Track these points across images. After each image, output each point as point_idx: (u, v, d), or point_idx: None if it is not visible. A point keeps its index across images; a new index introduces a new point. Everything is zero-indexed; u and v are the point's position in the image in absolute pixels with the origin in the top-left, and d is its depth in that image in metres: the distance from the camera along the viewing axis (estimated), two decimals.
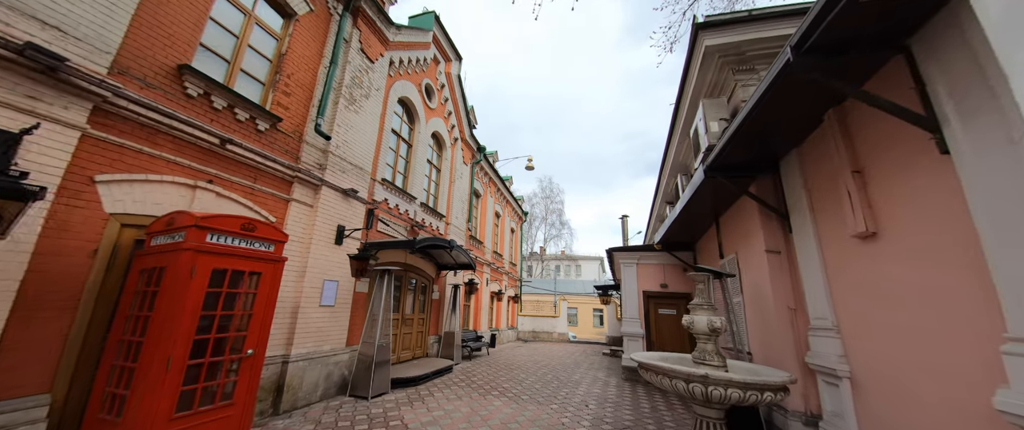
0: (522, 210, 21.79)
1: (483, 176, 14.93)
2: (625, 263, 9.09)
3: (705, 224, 7.06)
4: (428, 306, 9.64)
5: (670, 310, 8.59)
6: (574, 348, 16.50)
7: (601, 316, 29.52)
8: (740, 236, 5.34)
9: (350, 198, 6.55)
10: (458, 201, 11.65)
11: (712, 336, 3.54)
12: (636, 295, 8.79)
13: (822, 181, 3.64)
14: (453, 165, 11.68)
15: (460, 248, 8.48)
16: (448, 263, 9.87)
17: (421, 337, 9.25)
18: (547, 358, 11.99)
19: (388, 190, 8.01)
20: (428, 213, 9.76)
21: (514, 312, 19.45)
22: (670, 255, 8.58)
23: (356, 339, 6.46)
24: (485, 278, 14.29)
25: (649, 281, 8.83)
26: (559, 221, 42.60)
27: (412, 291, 9.04)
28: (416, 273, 9.08)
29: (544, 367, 9.87)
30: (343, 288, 6.28)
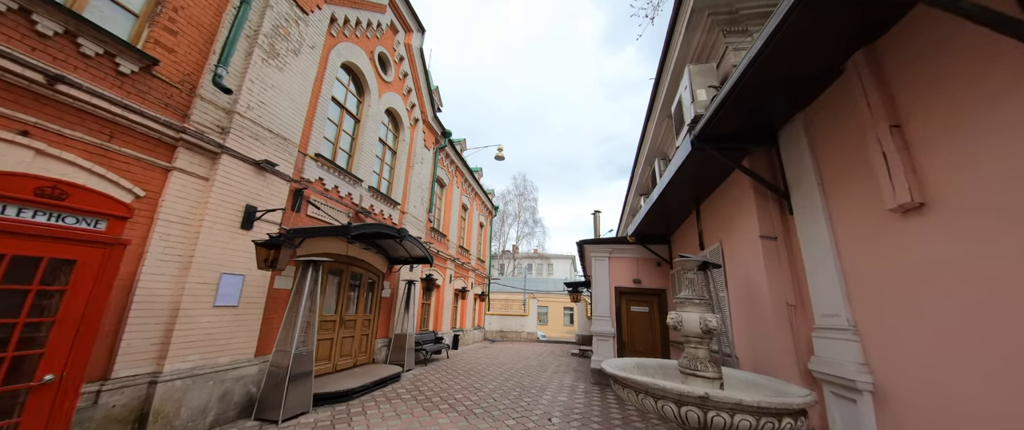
0: (492, 204, 20.81)
1: (449, 164, 13.81)
2: (597, 257, 8.36)
3: (683, 214, 6.42)
4: (376, 305, 8.44)
5: (643, 308, 7.96)
6: (542, 348, 15.77)
7: (571, 314, 29.16)
8: (725, 222, 4.67)
9: (266, 173, 5.30)
10: (417, 189, 10.49)
11: (706, 339, 2.75)
12: (608, 292, 8.09)
13: (839, 147, 2.94)
14: (412, 148, 10.50)
15: (413, 239, 7.38)
16: (401, 256, 8.72)
17: (366, 341, 8.05)
18: (512, 360, 11.11)
19: (325, 168, 6.76)
20: (379, 199, 8.56)
21: (481, 311, 18.45)
22: (644, 248, 7.94)
23: (272, 347, 5.22)
24: (448, 274, 13.19)
25: (622, 277, 8.15)
26: (532, 219, 42.04)
27: (357, 288, 7.82)
28: (361, 267, 7.87)
29: (507, 371, 8.98)
30: (253, 284, 5.03)
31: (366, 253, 7.90)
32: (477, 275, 17.40)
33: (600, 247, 8.34)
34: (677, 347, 6.91)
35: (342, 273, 7.31)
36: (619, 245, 8.25)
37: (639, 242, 7.80)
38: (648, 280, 8.03)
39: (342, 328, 7.20)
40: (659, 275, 7.99)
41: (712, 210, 5.18)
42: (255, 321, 5.07)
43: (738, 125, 3.65)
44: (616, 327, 7.88)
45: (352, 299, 7.67)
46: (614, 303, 8.03)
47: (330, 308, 6.99)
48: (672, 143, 7.03)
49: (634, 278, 8.10)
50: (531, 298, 19.71)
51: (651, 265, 8.10)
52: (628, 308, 8.03)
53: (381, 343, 8.52)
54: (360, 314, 7.83)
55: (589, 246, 8.40)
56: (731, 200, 4.50)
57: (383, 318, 8.70)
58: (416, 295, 9.86)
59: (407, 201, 9.97)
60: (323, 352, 6.70)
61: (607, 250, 8.32)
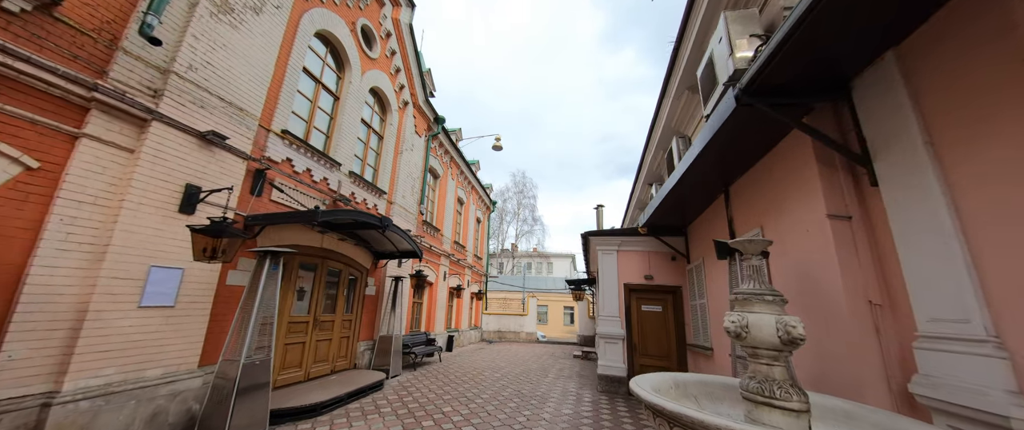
0: (490, 199, 19.96)
1: (442, 154, 12.94)
2: (604, 251, 7.53)
3: (705, 199, 5.57)
4: (358, 304, 7.60)
5: (655, 306, 7.13)
6: (543, 349, 14.95)
7: (572, 314, 28.37)
8: (769, 204, 3.83)
9: (214, 147, 4.44)
10: (406, 177, 9.63)
11: (785, 353, 1.91)
12: (616, 289, 7.26)
13: (966, 86, 2.10)
14: (401, 133, 9.63)
15: (399, 230, 6.53)
16: (388, 250, 7.87)
17: (346, 344, 7.21)
18: (511, 363, 10.29)
19: (295, 148, 5.91)
20: (362, 186, 7.70)
21: (478, 310, 17.62)
22: (658, 241, 7.11)
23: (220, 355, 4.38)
24: (442, 271, 12.35)
25: (632, 272, 7.32)
26: (532, 217, 41.23)
27: (335, 285, 6.98)
28: (340, 262, 7.02)
29: (505, 376, 8.15)
30: (196, 280, 4.19)
31: (346, 246, 7.05)
32: (474, 273, 16.57)
33: (608, 239, 7.50)
34: (698, 353, 6.09)
35: (317, 268, 6.46)
36: (629, 237, 7.41)
37: (651, 234, 6.97)
38: (661, 276, 7.20)
39: (317, 330, 6.36)
40: (674, 270, 7.16)
41: (748, 191, 4.33)
42: (199, 324, 4.22)
43: (794, 75, 2.81)
44: (626, 328, 7.05)
45: (330, 297, 6.83)
46: (623, 302, 7.20)
47: (302, 308, 6.15)
48: (694, 119, 6.19)
49: (646, 274, 7.27)
50: (530, 297, 18.89)
51: (664, 259, 7.27)
52: (639, 307, 7.20)
53: (364, 346, 7.68)
54: (339, 314, 6.98)
55: (596, 238, 7.57)
56: (778, 176, 3.66)
57: (367, 318, 7.86)
58: (404, 293, 9.02)
59: (395, 190, 9.11)
60: (293, 358, 5.85)
61: (616, 243, 7.48)
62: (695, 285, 6.40)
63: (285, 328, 5.67)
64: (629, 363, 6.90)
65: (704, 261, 5.99)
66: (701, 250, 6.23)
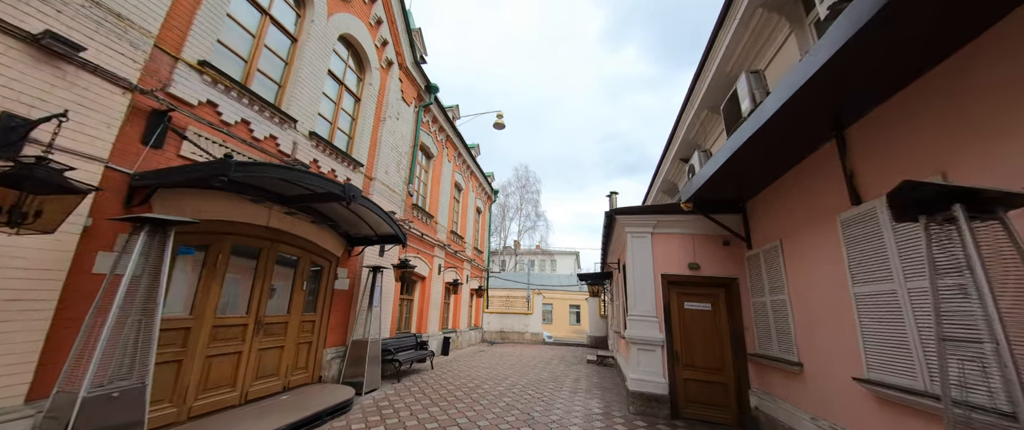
0: (491, 188, 18.39)
1: (437, 131, 11.36)
2: (635, 233, 5.93)
3: (786, 157, 3.97)
4: (325, 301, 6.06)
5: (702, 304, 5.53)
6: (550, 352, 13.40)
7: (578, 313, 26.82)
8: (965, 134, 2.22)
9: (60, 61, 2.89)
10: (391, 151, 8.06)
11: None
12: (651, 281, 5.66)
13: None
14: (384, 98, 8.06)
15: (370, 204, 4.99)
16: (364, 234, 6.33)
17: (307, 352, 5.67)
18: (516, 370, 8.74)
19: (223, 90, 4.35)
20: (330, 154, 6.15)
21: (478, 308, 16.10)
22: (707, 220, 5.50)
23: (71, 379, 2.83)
24: (436, 264, 10.81)
25: (671, 260, 5.72)
26: (535, 212, 39.69)
27: (291, 277, 5.44)
28: (298, 247, 5.47)
29: (510, 389, 6.61)
30: (19, 264, 2.64)
31: (305, 226, 5.50)
32: (474, 267, 15.03)
33: (641, 219, 5.89)
34: (773, 368, 4.49)
35: (261, 254, 4.91)
36: (668, 216, 5.80)
37: (698, 211, 5.35)
38: (711, 265, 5.60)
39: (261, 336, 4.82)
40: (727, 258, 5.56)
41: (906, 124, 2.72)
42: (28, 335, 2.68)
43: None
44: (665, 331, 5.47)
45: (281, 292, 5.29)
46: (661, 298, 5.61)
47: (236, 305, 4.61)
48: (766, 48, 4.57)
49: (690, 263, 5.67)
50: (536, 294, 17.35)
51: (714, 244, 5.67)
52: (681, 305, 5.61)
53: (333, 354, 6.15)
54: (296, 314, 5.44)
55: (625, 218, 5.96)
56: (978, 90, 2.05)
57: (337, 319, 6.31)
58: (386, 286, 7.47)
59: (376, 164, 7.55)
60: (221, 375, 4.32)
61: (650, 223, 5.87)
62: (763, 276, 4.80)
63: (207, 334, 4.14)
64: (670, 377, 5.32)
65: (782, 244, 4.39)
66: (772, 229, 4.63)
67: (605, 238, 7.43)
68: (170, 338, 3.78)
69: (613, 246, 7.79)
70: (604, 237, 7.37)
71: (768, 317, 4.63)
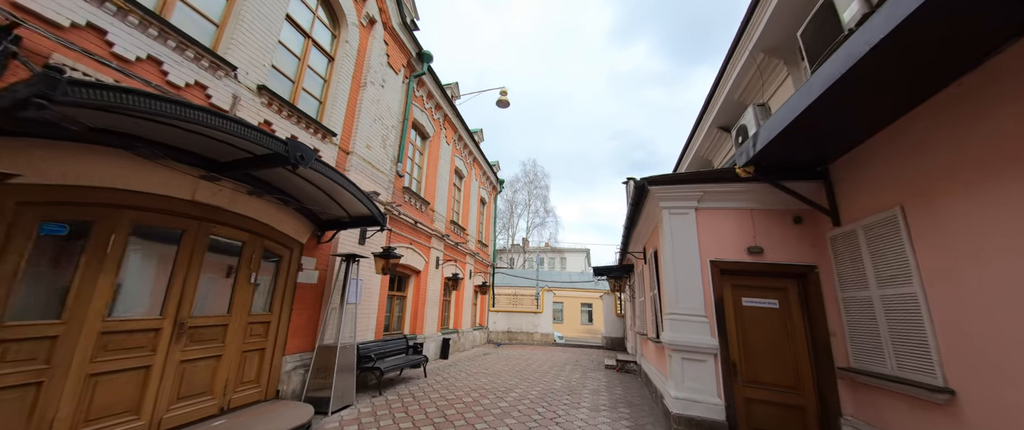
0: (497, 178, 17.15)
1: (433, 109, 10.15)
2: (674, 209, 4.60)
3: (920, 86, 2.61)
4: (284, 297, 4.89)
5: (768, 301, 4.18)
6: (563, 355, 12.11)
7: (590, 312, 25.42)
8: None
9: None
10: (372, 121, 6.88)
11: None
12: (697, 270, 4.33)
13: None
14: (365, 60, 6.88)
15: (327, 169, 3.80)
16: (336, 216, 5.16)
17: (257, 361, 4.49)
18: (523, 377, 7.50)
19: (121, 15, 3.17)
20: (289, 117, 4.98)
21: (483, 307, 14.88)
22: (771, 189, 4.15)
23: None
24: (433, 256, 9.61)
25: (724, 243, 4.38)
26: (544, 208, 38.39)
27: (234, 268, 4.28)
28: (241, 228, 4.30)
29: (516, 404, 5.37)
30: None
31: (255, 205, 4.34)
32: (477, 262, 13.81)
33: (682, 190, 4.55)
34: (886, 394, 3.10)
35: (184, 238, 3.74)
36: (719, 185, 4.45)
37: (761, 177, 4.00)
38: (778, 249, 4.24)
39: (183, 343, 3.65)
40: (800, 239, 4.20)
41: None
42: None
43: None
44: (718, 335, 4.13)
45: (218, 286, 4.12)
46: (711, 291, 4.27)
47: (143, 304, 3.45)
48: None
49: (749, 246, 4.32)
50: (546, 291, 16.04)
51: (781, 222, 4.31)
52: (737, 301, 4.27)
53: (295, 362, 4.98)
54: (240, 314, 4.27)
55: (661, 188, 4.61)
56: None
57: (302, 319, 5.14)
58: (366, 279, 6.28)
59: (354, 136, 6.36)
60: (118, 398, 3.16)
61: (694, 194, 4.53)
62: (863, 262, 3.43)
63: (90, 344, 2.97)
64: (727, 396, 3.99)
65: (904, 213, 3.03)
66: (881, 194, 3.27)
67: (630, 219, 6.09)
68: (22, 351, 2.63)
69: (639, 229, 6.44)
70: (629, 218, 6.05)
71: (877, 319, 3.26)
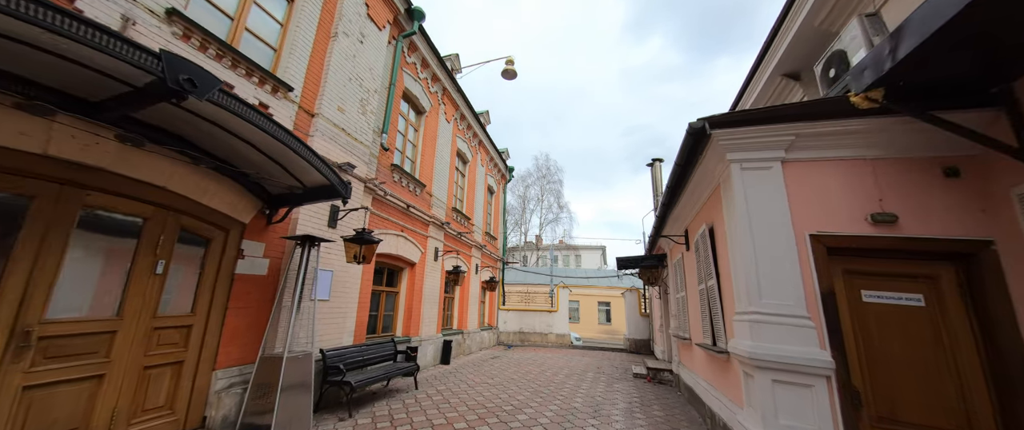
0: (506, 165, 15.84)
1: (429, 79, 8.91)
2: (748, 163, 3.17)
3: None
4: (215, 293, 3.69)
5: (909, 296, 2.74)
6: (582, 360, 10.72)
7: (608, 311, 23.85)
8: None
9: None
10: (347, 81, 5.66)
11: None
12: (791, 248, 2.90)
13: None
14: (338, 8, 5.66)
15: (232, 103, 2.56)
16: (289, 186, 3.95)
17: (168, 380, 3.29)
18: (535, 390, 6.18)
19: None
20: (221, 59, 3.78)
21: (492, 305, 13.62)
22: (911, 129, 2.69)
23: None
24: (432, 247, 8.39)
25: (829, 209, 2.94)
26: (557, 204, 36.98)
27: (133, 251, 3.10)
28: (137, 199, 3.11)
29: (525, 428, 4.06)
30: None
31: (165, 168, 3.15)
32: (485, 255, 12.55)
33: (762, 132, 3.09)
34: None
35: (29, 211, 2.57)
36: (820, 124, 2.98)
37: (894, 106, 2.53)
38: (920, 216, 2.77)
39: (30, 360, 2.48)
40: (960, 201, 2.73)
41: None
42: None
43: None
44: (831, 346, 2.69)
45: (96, 280, 2.94)
46: (814, 279, 2.82)
47: None
48: None
49: (873, 213, 2.85)
50: (561, 288, 14.65)
51: (926, 175, 2.83)
52: (854, 295, 2.82)
53: (231, 378, 3.79)
54: (138, 316, 3.08)
55: (727, 132, 3.15)
56: None
57: (240, 321, 3.94)
58: (339, 271, 5.06)
59: (322, 95, 5.15)
60: None
61: (782, 138, 3.08)
62: None
63: None
64: None
65: None
66: None
67: (671, 191, 4.64)
68: None
69: (683, 202, 4.97)
70: (669, 189, 4.60)
71: None
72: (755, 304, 2.90)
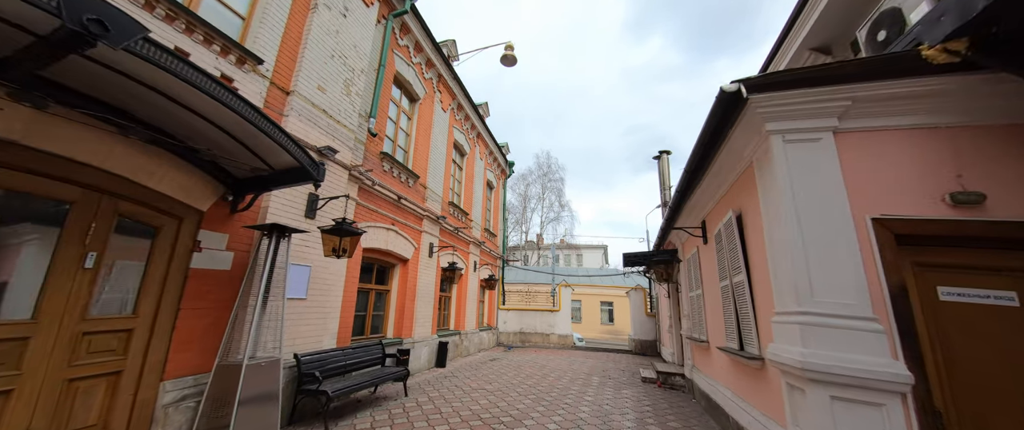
0: (506, 160, 15.32)
1: (424, 65, 8.38)
2: (792, 134, 2.65)
3: None
4: (161, 291, 3.18)
5: (1000, 293, 2.22)
6: (585, 362, 10.22)
7: (610, 311, 23.32)
8: None
9: None
10: (328, 57, 5.14)
11: None
12: (850, 235, 2.38)
13: None
14: None
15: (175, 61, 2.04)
16: (255, 168, 3.43)
17: (102, 393, 2.78)
18: (537, 398, 5.67)
19: None
20: (174, 20, 3.26)
21: (492, 304, 13.11)
22: (1001, 83, 2.15)
23: None
24: (426, 243, 7.88)
25: (896, 187, 2.42)
26: (558, 202, 36.44)
27: (55, 241, 2.58)
28: (59, 179, 2.59)
29: None
30: None
31: (99, 143, 2.63)
32: (484, 252, 12.03)
33: (810, 96, 2.56)
34: None
35: None
36: (883, 85, 2.46)
37: (982, 58, 2.00)
38: (1014, 198, 2.24)
39: None
40: None
41: None
42: None
43: None
44: (906, 356, 2.17)
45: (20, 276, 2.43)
46: (881, 274, 2.30)
47: None
48: None
49: (952, 192, 2.32)
50: (563, 287, 14.13)
51: (1016, 145, 2.30)
52: (929, 295, 2.30)
53: (182, 390, 3.27)
54: (61, 319, 2.57)
55: (768, 96, 2.62)
56: None
57: (197, 324, 3.44)
58: (317, 265, 4.55)
59: (298, 72, 4.63)
60: None
61: (835, 103, 2.54)
62: None
63: None
64: None
65: None
66: None
67: (691, 172, 4.07)
68: None
69: (705, 186, 4.39)
70: (689, 171, 4.03)
71: None
72: (805, 303, 2.38)
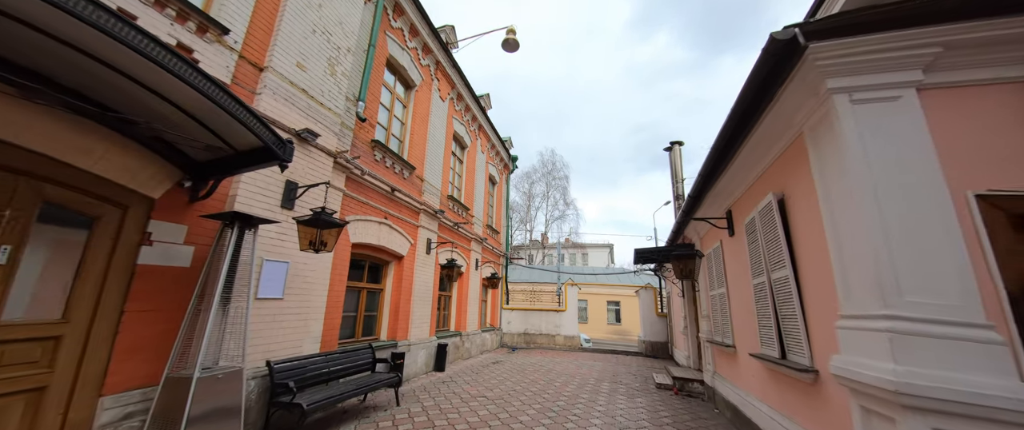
0: (510, 155, 14.80)
1: (420, 50, 7.89)
2: (862, 93, 2.09)
3: None
4: (100, 292, 2.70)
5: None
6: (593, 366, 9.67)
7: (618, 311, 22.71)
8: None
9: None
10: (309, 32, 4.66)
11: None
12: (949, 217, 1.84)
13: None
14: None
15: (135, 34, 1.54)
16: (213, 149, 2.95)
17: (9, 416, 2.32)
18: (542, 407, 5.16)
19: None
20: None
21: (495, 304, 12.60)
22: None
23: None
24: (423, 239, 7.39)
25: (1003, 155, 1.88)
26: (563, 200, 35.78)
27: None
28: None
29: None
30: None
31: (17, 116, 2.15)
32: (486, 249, 11.53)
33: (888, 43, 2.02)
34: None
35: None
36: (986, 24, 1.91)
37: None
38: None
39: None
40: None
41: None
42: None
43: None
44: None
45: None
46: (992, 267, 1.76)
47: None
48: None
49: None
50: (569, 286, 13.58)
51: None
52: None
53: (127, 407, 2.80)
54: None
55: (829, 45, 2.07)
56: None
57: (146, 329, 2.96)
58: (297, 261, 4.06)
59: (273, 46, 4.15)
60: None
61: (919, 53, 2.00)
62: None
63: None
64: None
65: None
66: None
67: (721, 150, 3.48)
68: None
69: (737, 166, 3.77)
70: (718, 149, 3.44)
71: None
72: (894, 304, 1.83)
